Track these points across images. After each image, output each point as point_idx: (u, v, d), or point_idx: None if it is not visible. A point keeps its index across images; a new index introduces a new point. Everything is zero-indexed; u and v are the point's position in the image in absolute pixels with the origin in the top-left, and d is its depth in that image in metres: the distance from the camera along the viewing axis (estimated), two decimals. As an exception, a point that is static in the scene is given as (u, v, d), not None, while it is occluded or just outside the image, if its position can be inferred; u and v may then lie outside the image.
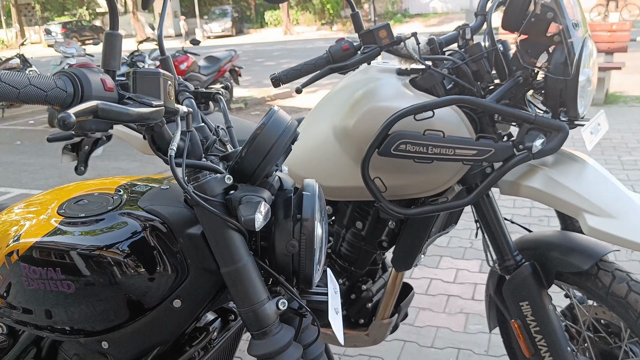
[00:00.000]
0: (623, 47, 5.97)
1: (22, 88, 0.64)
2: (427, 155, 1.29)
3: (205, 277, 0.95)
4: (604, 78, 6.06)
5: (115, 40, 0.81)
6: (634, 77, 7.53)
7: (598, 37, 6.07)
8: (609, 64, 6.10)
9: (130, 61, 7.67)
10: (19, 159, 6.03)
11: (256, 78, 11.35)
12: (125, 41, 11.38)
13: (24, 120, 8.79)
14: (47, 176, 5.25)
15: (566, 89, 1.26)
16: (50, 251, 0.93)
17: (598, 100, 6.12)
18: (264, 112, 8.16)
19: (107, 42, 0.80)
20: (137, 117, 0.72)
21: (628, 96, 6.54)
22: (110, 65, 0.80)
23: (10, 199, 4.62)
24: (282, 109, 0.95)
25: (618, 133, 5.00)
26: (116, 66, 0.81)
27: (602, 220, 1.18)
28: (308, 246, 0.90)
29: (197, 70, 7.34)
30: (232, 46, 20.53)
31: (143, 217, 0.96)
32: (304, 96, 9.12)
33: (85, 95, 0.70)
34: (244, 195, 0.85)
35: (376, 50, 1.34)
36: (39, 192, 4.79)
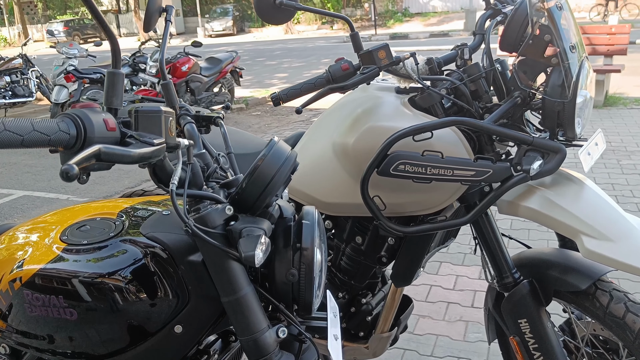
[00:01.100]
0: (622, 49, 5.97)
1: (25, 135, 0.65)
2: (426, 176, 1.30)
3: (206, 303, 0.96)
4: (603, 80, 6.06)
5: (117, 78, 0.82)
6: (634, 78, 7.53)
7: (597, 39, 6.07)
8: (608, 66, 6.10)
9: (132, 62, 7.68)
10: (21, 160, 6.05)
11: (257, 78, 11.36)
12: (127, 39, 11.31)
13: (26, 121, 8.81)
14: (49, 177, 5.27)
15: (563, 110, 1.27)
16: (53, 279, 0.94)
17: (597, 102, 6.12)
18: (264, 112, 8.16)
19: (109, 81, 0.82)
20: (139, 158, 0.73)
21: (627, 98, 6.54)
22: (112, 103, 0.82)
23: (13, 200, 4.65)
24: (281, 134, 0.96)
25: (617, 136, 5.01)
26: (118, 104, 0.82)
27: (599, 243, 1.20)
28: (308, 275, 0.91)
29: (199, 72, 7.34)
30: (233, 45, 20.53)
31: (145, 244, 0.97)
32: (304, 97, 9.13)
33: (88, 137, 0.71)
34: (244, 227, 0.87)
35: (375, 71, 1.35)
36: (42, 193, 4.80)
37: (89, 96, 2.11)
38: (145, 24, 1.25)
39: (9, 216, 4.26)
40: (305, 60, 13.97)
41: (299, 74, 11.72)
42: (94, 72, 7.42)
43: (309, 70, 12.18)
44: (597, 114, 5.81)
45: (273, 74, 12.01)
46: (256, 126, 7.18)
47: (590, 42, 6.09)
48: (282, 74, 12.02)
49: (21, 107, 9.39)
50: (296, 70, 12.22)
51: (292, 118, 7.49)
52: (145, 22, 1.25)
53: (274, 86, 10.13)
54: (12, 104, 8.91)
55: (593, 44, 6.05)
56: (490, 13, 1.50)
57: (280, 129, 6.69)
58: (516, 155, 1.30)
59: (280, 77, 11.50)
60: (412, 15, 23.64)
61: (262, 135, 6.38)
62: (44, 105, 9.80)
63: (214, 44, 20.99)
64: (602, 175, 4.04)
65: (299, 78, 11.14)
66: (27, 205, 4.50)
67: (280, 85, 10.19)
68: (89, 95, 7.22)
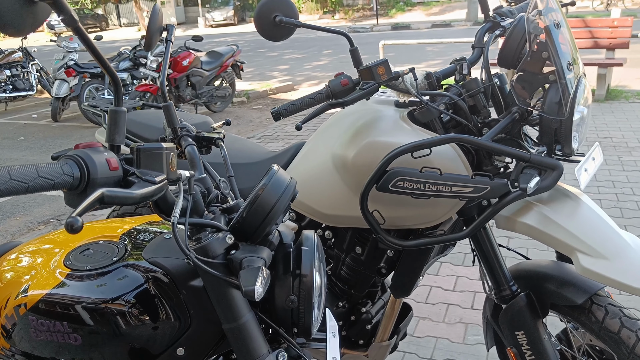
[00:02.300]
0: (625, 42, 5.94)
1: (31, 182, 0.67)
2: (424, 192, 1.31)
3: (207, 326, 0.99)
4: (605, 74, 6.04)
5: (120, 116, 0.83)
6: (636, 71, 7.50)
7: (599, 32, 6.03)
8: (610, 60, 6.07)
9: (133, 56, 7.68)
10: (22, 156, 6.07)
11: (258, 70, 11.33)
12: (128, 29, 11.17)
13: (27, 114, 8.82)
14: None
15: (561, 128, 1.28)
16: (57, 305, 0.96)
17: (599, 96, 6.11)
18: (266, 105, 8.16)
19: (112, 118, 0.83)
20: (141, 198, 0.74)
21: (630, 91, 6.52)
22: (115, 140, 0.83)
23: (15, 198, 4.66)
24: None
25: (619, 131, 5.00)
26: (121, 141, 0.83)
27: (594, 261, 1.21)
28: (307, 301, 0.93)
29: (199, 66, 7.33)
30: (234, 35, 20.43)
31: (147, 269, 0.99)
32: (305, 90, 9.11)
33: (92, 179, 0.73)
34: (245, 256, 0.88)
35: (375, 87, 1.36)
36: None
37: (90, 103, 2.10)
38: (147, 44, 1.26)
39: (10, 214, 4.28)
40: (307, 52, 13.92)
41: (300, 66, 11.69)
42: (95, 67, 7.42)
43: (310, 62, 12.15)
44: (599, 108, 5.81)
45: (274, 66, 11.97)
46: (257, 120, 7.18)
47: (592, 35, 6.06)
48: (283, 65, 11.98)
49: (22, 101, 9.40)
50: (297, 62, 12.18)
51: (293, 112, 7.48)
52: (146, 42, 1.26)
53: (275, 78, 10.11)
54: (13, 98, 8.92)
55: (595, 37, 6.03)
56: (489, 26, 1.51)
57: (282, 123, 6.69)
58: (514, 172, 1.31)
59: (281, 69, 11.47)
60: (414, 4, 23.49)
61: (263, 130, 6.39)
62: (44, 98, 9.81)
63: (214, 34, 20.91)
64: (602, 172, 4.04)
65: (299, 70, 11.11)
66: (29, 203, 4.51)
67: (281, 78, 10.17)
68: (89, 95, 7.20)
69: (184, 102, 7.29)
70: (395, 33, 16.17)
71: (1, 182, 0.64)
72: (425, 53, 11.71)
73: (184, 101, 7.26)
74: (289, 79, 9.96)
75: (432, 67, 10.24)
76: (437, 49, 11.89)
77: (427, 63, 10.68)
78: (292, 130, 6.28)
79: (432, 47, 12.15)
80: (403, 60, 11.07)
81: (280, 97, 8.66)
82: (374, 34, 16.63)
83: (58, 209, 4.35)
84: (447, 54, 11.36)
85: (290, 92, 9.04)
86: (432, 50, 11.95)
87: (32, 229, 3.98)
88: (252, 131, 6.50)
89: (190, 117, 2.04)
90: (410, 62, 10.87)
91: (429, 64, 10.57)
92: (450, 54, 11.31)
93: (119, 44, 17.50)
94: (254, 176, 1.75)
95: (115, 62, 7.64)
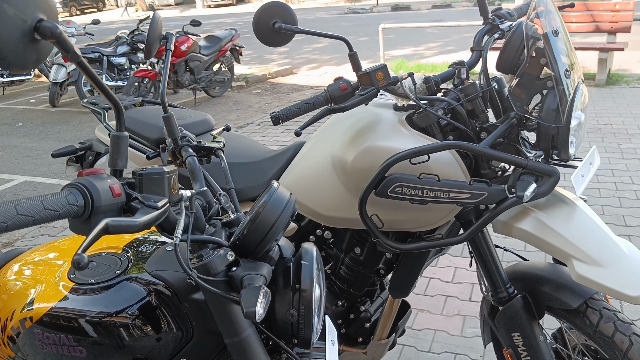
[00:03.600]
0: (626, 27, 5.89)
1: (37, 215, 0.68)
2: (422, 198, 1.33)
3: (209, 338, 1.01)
4: (606, 59, 6.00)
5: (122, 141, 0.84)
6: (638, 54, 7.45)
7: (601, 16, 5.98)
8: (612, 44, 6.02)
9: (131, 40, 7.62)
10: (21, 143, 6.05)
11: (257, 53, 11.24)
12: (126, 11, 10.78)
13: (25, 99, 8.78)
14: (50, 162, 5.27)
15: (558, 135, 1.29)
16: (62, 318, 0.99)
17: (600, 81, 6.08)
18: (265, 90, 8.12)
19: (114, 143, 0.84)
20: (144, 225, 0.76)
21: (631, 75, 6.48)
22: (117, 164, 0.84)
23: (15, 186, 4.67)
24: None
25: (619, 117, 4.99)
26: (123, 165, 0.85)
27: (589, 268, 1.23)
28: (307, 315, 0.95)
29: (198, 51, 7.27)
30: (232, 15, 20.21)
31: (149, 282, 1.01)
32: (304, 73, 9.07)
33: (96, 206, 0.74)
34: (245, 274, 0.90)
35: (373, 92, 1.36)
36: (43, 179, 4.80)
37: (89, 100, 2.08)
38: (146, 52, 1.26)
39: (10, 206, 4.30)
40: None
41: (299, 48, 11.60)
42: (92, 52, 7.37)
43: (309, 45, 12.05)
44: (600, 94, 5.78)
45: (273, 49, 11.87)
46: (256, 105, 7.16)
47: (593, 19, 6.01)
48: (282, 48, 11.84)
49: (19, 85, 9.34)
50: (296, 44, 12.07)
51: (292, 97, 7.46)
52: (146, 50, 1.26)
53: (274, 62, 10.04)
54: (10, 82, 8.85)
55: (596, 21, 5.97)
56: (488, 28, 1.50)
57: (281, 109, 6.66)
58: (511, 178, 1.33)
59: (280, 51, 11.38)
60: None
61: (262, 117, 6.37)
62: (42, 82, 9.75)
63: (213, 15, 20.67)
64: (602, 160, 4.05)
65: (298, 53, 11.02)
66: (28, 192, 4.52)
67: (280, 61, 10.10)
68: (87, 81, 7.14)
69: (182, 87, 7.25)
70: (396, 14, 15.99)
71: (8, 217, 0.66)
72: (426, 35, 11.61)
73: (182, 86, 7.23)
74: (288, 62, 9.90)
75: (432, 49, 10.16)
76: (437, 30, 11.78)
77: (427, 45, 10.60)
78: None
79: (432, 29, 12.03)
80: (403, 43, 10.99)
81: (279, 82, 8.61)
82: (374, 14, 16.46)
83: (59, 200, 4.36)
84: (448, 35, 11.27)
85: (290, 75, 8.99)
86: (432, 32, 11.85)
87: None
88: (251, 117, 6.48)
89: (190, 115, 2.05)
90: (411, 45, 10.79)
91: (429, 47, 10.49)
92: (451, 36, 11.22)
93: (116, 25, 17.33)
94: (254, 176, 1.76)
95: (113, 47, 7.57)
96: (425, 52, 9.83)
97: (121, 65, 7.50)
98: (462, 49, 9.61)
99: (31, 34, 0.72)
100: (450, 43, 10.58)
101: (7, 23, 0.68)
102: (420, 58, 9.11)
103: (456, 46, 10.10)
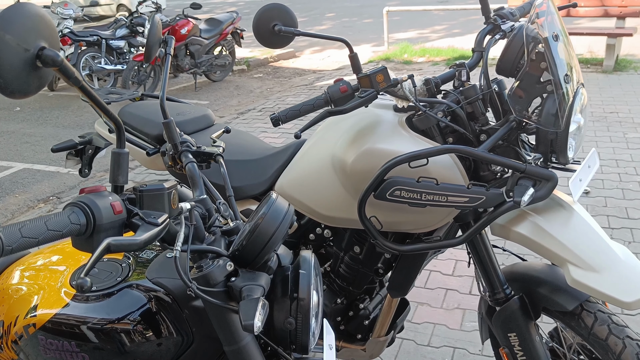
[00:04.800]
0: (636, 11, 5.80)
1: (40, 236, 0.69)
2: (421, 202, 1.33)
3: (209, 343, 1.03)
4: (614, 44, 5.92)
5: (122, 158, 0.85)
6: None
7: (610, 0, 5.89)
8: (620, 29, 5.94)
9: (130, 23, 7.54)
10: (19, 129, 5.99)
11: (259, 35, 11.15)
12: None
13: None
14: (49, 148, 5.21)
15: (556, 139, 1.28)
16: (65, 325, 1.01)
17: (607, 67, 6.01)
18: (266, 74, 8.07)
19: (114, 160, 0.85)
20: (145, 243, 0.77)
21: (639, 61, 6.40)
22: (118, 180, 0.85)
23: (13, 174, 4.63)
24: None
25: (625, 105, 4.95)
26: (124, 181, 0.85)
27: (584, 273, 1.24)
28: (304, 322, 0.96)
29: (198, 34, 7.21)
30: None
31: (150, 289, 1.03)
32: (307, 57, 9.00)
33: (97, 224, 0.75)
34: (244, 285, 0.91)
35: (373, 94, 1.35)
36: (42, 166, 4.76)
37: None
38: (146, 56, 1.25)
39: (9, 191, 4.28)
40: (308, 15, 13.64)
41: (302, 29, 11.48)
42: (91, 35, 7.27)
43: (312, 26, 11.93)
44: (607, 80, 5.72)
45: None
46: (258, 90, 7.12)
47: (602, 3, 5.92)
48: (285, 30, 11.75)
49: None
50: (299, 27, 11.94)
51: (294, 82, 7.42)
52: (145, 54, 1.26)
53: (277, 45, 9.95)
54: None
55: (605, 5, 5.88)
56: (489, 28, 1.48)
57: (283, 94, 6.64)
58: (509, 182, 1.33)
59: (283, 34, 11.26)
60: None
61: (264, 102, 6.34)
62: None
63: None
64: (606, 150, 4.03)
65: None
66: (27, 180, 4.50)
67: (283, 44, 10.00)
68: (86, 64, 7.06)
69: (182, 71, 7.21)
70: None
71: (13, 240, 0.67)
72: (432, 18, 11.47)
73: (182, 71, 7.18)
74: (291, 45, 9.80)
75: (437, 32, 10.06)
76: (443, 13, 11.62)
77: (433, 28, 10.49)
78: (294, 102, 6.23)
79: (438, 12, 11.88)
80: (408, 26, 10.88)
81: (281, 65, 8.55)
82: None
83: (57, 186, 4.36)
84: (454, 18, 11.13)
85: (292, 59, 8.92)
86: (438, 14, 11.69)
87: (31, 207, 4.00)
88: (253, 102, 6.46)
89: (190, 111, 2.04)
90: (416, 28, 10.67)
91: (434, 29, 10.38)
92: (457, 19, 11.09)
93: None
94: (255, 173, 1.76)
95: (111, 30, 7.48)
96: (430, 36, 9.72)
97: (120, 49, 7.36)
98: (468, 32, 9.50)
99: (33, 61, 0.72)
100: (457, 26, 10.46)
101: (9, 53, 0.69)
102: (426, 41, 9.02)
103: (462, 29, 9.99)
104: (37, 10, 0.73)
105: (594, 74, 6.06)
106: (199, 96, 6.99)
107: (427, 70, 7.09)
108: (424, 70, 7.11)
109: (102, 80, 7.30)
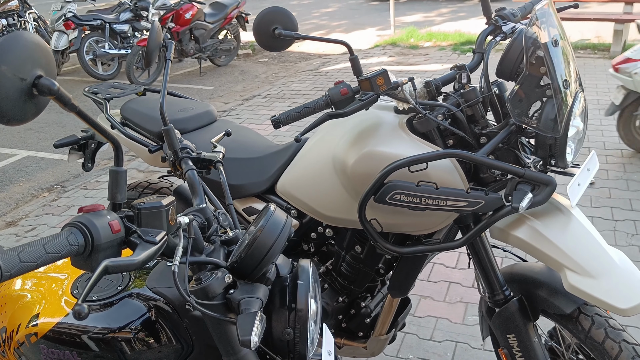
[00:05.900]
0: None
1: (39, 260, 0.70)
2: (420, 205, 1.34)
3: (209, 351, 1.04)
4: (622, 30, 5.83)
5: (121, 176, 0.86)
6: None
7: (619, -15, 5.79)
8: (628, 15, 5.85)
9: (134, 7, 7.48)
10: (24, 115, 6.03)
11: (264, 18, 11.04)
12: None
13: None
14: (53, 136, 5.18)
15: (555, 144, 1.28)
16: (66, 334, 1.02)
17: (614, 53, 5.92)
18: (272, 58, 8.02)
19: (113, 178, 0.86)
20: (143, 263, 0.78)
21: (647, 46, 6.31)
22: (116, 198, 0.86)
23: (17, 162, 4.63)
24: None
25: (632, 93, 4.89)
26: (122, 199, 0.86)
27: (581, 279, 1.25)
28: (302, 333, 0.98)
29: (203, 19, 7.16)
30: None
31: (150, 298, 1.04)
32: (311, 42, 8.92)
33: (96, 245, 0.76)
34: (242, 297, 0.92)
35: (374, 97, 1.35)
36: (46, 154, 4.74)
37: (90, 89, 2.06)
38: (146, 61, 1.25)
39: (14, 180, 4.28)
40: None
41: (308, 13, 11.38)
42: (94, 19, 7.21)
43: (317, 9, 11.81)
44: (613, 67, 5.65)
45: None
46: (263, 76, 7.08)
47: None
48: (290, 13, 11.64)
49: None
50: (304, 9, 11.84)
51: (299, 67, 7.37)
52: (145, 58, 1.25)
53: (282, 28, 9.86)
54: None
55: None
56: (490, 29, 1.47)
57: (288, 80, 6.60)
58: (508, 186, 1.33)
59: (288, 17, 11.15)
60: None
61: (269, 88, 6.31)
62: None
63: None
64: (611, 138, 4.00)
65: (307, 17, 10.82)
66: (31, 168, 4.50)
67: (287, 28, 9.91)
68: (90, 49, 7.00)
69: (187, 56, 7.17)
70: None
71: (12, 266, 0.68)
72: (437, 1, 11.33)
73: (187, 55, 7.14)
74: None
75: (443, 15, 9.93)
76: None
77: (439, 11, 10.37)
78: (299, 88, 6.20)
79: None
80: (414, 9, 10.75)
81: (287, 50, 8.48)
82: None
83: (61, 174, 4.36)
84: (460, 0, 10.98)
85: (296, 43, 8.85)
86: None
87: (35, 196, 4.01)
88: (258, 88, 6.43)
89: (193, 107, 2.04)
90: (422, 11, 10.54)
91: (440, 12, 10.25)
92: (463, 1, 10.94)
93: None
94: (257, 172, 1.77)
95: (115, 14, 7.42)
96: (436, 19, 9.61)
97: (124, 33, 7.28)
98: (473, 16, 9.39)
99: (30, 90, 0.73)
100: (463, 9, 10.32)
101: (6, 83, 0.70)
102: (431, 25, 8.91)
103: (468, 13, 9.86)
104: (34, 39, 0.73)
105: (602, 59, 5.98)
106: (204, 81, 6.95)
107: (434, 55, 7.02)
108: (430, 55, 7.04)
109: (106, 65, 7.25)
